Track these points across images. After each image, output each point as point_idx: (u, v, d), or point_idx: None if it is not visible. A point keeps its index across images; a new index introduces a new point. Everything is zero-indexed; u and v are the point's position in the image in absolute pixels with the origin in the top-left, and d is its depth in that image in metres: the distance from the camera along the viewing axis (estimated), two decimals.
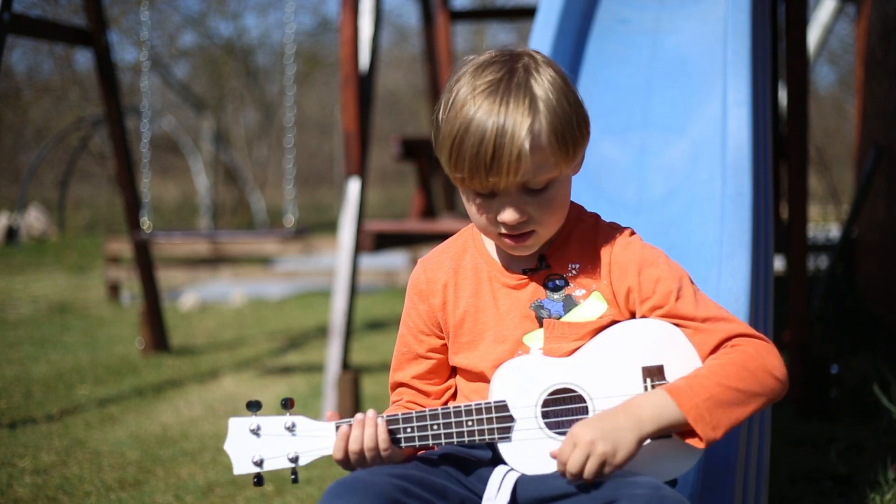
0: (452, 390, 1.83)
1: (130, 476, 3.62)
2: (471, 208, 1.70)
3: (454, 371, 1.84)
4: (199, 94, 20.32)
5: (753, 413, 1.62)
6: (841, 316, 5.72)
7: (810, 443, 3.77)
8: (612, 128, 3.03)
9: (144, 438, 4.17)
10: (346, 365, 4.60)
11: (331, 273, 8.70)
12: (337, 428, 1.66)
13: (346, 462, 1.65)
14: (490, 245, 1.81)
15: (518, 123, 1.58)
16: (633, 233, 1.79)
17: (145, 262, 6.17)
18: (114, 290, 9.28)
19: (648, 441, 1.60)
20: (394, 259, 10.30)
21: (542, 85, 1.63)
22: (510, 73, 1.63)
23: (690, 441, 1.60)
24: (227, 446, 1.68)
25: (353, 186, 4.86)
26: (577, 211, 1.79)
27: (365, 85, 4.92)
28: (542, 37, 3.01)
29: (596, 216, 1.82)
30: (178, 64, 20.93)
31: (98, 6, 5.67)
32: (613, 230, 1.78)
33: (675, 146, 2.94)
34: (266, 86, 21.40)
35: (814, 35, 8.00)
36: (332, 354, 4.60)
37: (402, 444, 1.65)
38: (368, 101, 4.97)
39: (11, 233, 15.45)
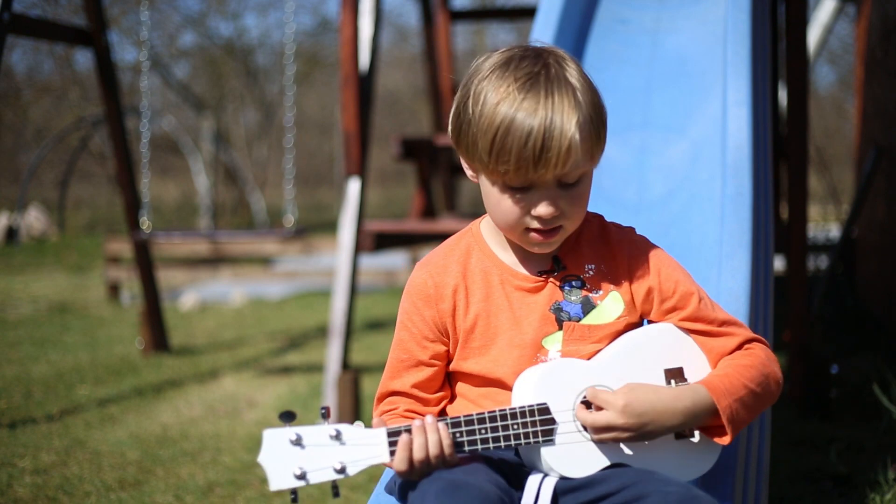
0: (448, 398, 1.80)
1: (130, 476, 3.62)
2: (500, 203, 1.65)
3: (447, 379, 1.81)
4: (199, 94, 20.31)
5: (755, 418, 1.70)
6: (841, 316, 5.72)
7: (810, 443, 3.77)
8: (612, 128, 2.98)
9: (144, 438, 4.17)
10: (346, 365, 4.60)
11: (331, 273, 8.71)
12: (388, 434, 1.58)
13: (410, 471, 1.59)
14: (496, 247, 1.78)
15: (567, 116, 1.58)
16: (635, 231, 1.81)
17: (145, 262, 6.17)
18: (114, 290, 9.28)
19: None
20: (394, 259, 10.30)
21: (577, 77, 1.64)
22: (545, 66, 1.62)
23: (717, 439, 1.66)
24: (263, 459, 1.55)
25: (353, 186, 4.86)
26: None
27: (365, 85, 4.92)
28: (542, 37, 3.01)
29: (599, 216, 1.82)
30: (178, 64, 20.94)
31: (98, 6, 5.67)
32: (621, 230, 1.80)
33: (675, 146, 2.94)
34: (266, 86, 21.39)
35: (814, 35, 8.00)
36: (332, 354, 4.60)
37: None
38: (368, 101, 4.97)
39: (11, 233, 15.45)
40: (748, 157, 2.57)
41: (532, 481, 1.65)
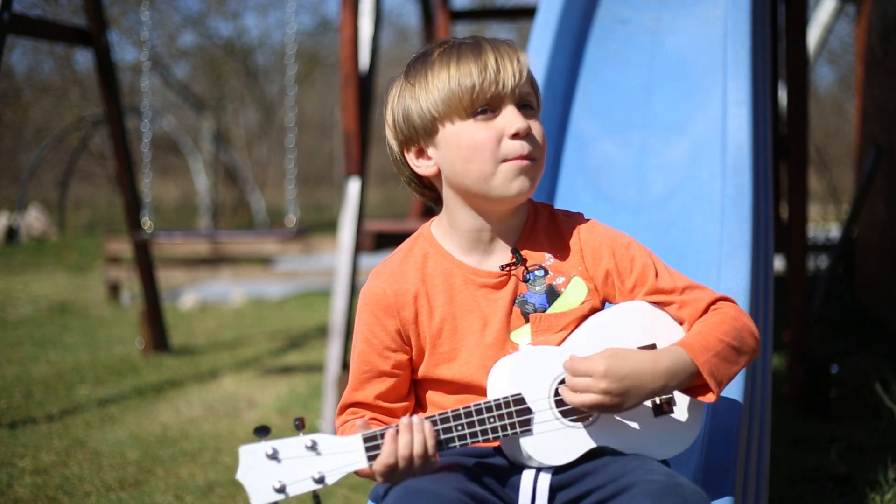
0: (412, 406, 1.77)
1: (130, 476, 3.62)
2: (472, 139, 1.67)
3: (412, 387, 1.78)
4: (199, 94, 20.31)
5: (738, 372, 1.69)
6: (841, 316, 5.72)
7: (810, 443, 3.77)
8: (612, 128, 3.03)
9: (144, 438, 4.17)
10: (346, 365, 4.60)
11: (331, 273, 8.70)
12: (364, 440, 1.57)
13: (392, 471, 1.57)
14: (453, 248, 1.76)
15: (509, 45, 1.71)
16: (586, 217, 1.82)
17: (145, 262, 6.17)
18: (114, 290, 9.28)
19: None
20: None
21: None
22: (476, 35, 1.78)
23: (701, 398, 1.66)
24: (241, 476, 1.54)
25: (353, 186, 4.86)
26: (531, 202, 1.80)
27: (365, 85, 4.93)
28: (542, 37, 3.01)
29: (549, 205, 1.83)
30: (178, 64, 20.93)
31: (98, 6, 5.67)
32: (569, 216, 1.81)
33: (675, 146, 2.94)
34: (266, 86, 21.39)
35: (814, 35, 8.01)
36: (332, 354, 4.61)
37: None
38: (368, 101, 4.97)
39: (11, 233, 15.44)
40: (748, 157, 2.57)
41: (526, 479, 1.65)
